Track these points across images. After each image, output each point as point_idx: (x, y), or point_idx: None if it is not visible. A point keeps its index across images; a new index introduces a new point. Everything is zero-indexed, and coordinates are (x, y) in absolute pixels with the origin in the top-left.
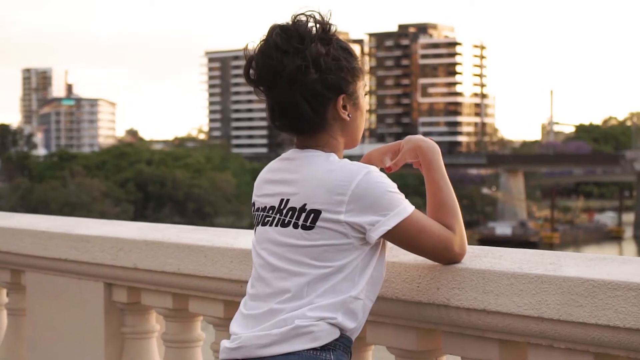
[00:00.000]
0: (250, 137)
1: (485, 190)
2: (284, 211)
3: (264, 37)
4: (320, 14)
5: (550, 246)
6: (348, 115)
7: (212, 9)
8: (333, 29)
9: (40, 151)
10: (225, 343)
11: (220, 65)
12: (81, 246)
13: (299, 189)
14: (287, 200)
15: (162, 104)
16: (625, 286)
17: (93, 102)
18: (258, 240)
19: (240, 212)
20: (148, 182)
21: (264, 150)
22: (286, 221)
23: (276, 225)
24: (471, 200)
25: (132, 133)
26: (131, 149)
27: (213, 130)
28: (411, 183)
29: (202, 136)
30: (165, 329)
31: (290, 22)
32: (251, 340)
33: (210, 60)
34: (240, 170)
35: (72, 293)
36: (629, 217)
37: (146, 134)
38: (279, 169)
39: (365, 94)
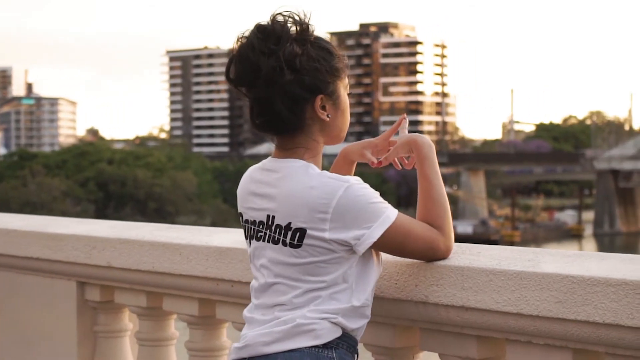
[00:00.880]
0: (211, 136)
1: (446, 189)
2: (273, 228)
3: (243, 37)
4: (298, 15)
5: (511, 244)
6: (327, 115)
7: (174, 8)
8: (312, 29)
9: (0, 150)
10: (234, 344)
11: (182, 65)
12: (54, 245)
13: (281, 206)
14: (273, 217)
15: (123, 103)
16: (604, 282)
17: (53, 101)
18: (255, 255)
19: (201, 212)
20: (109, 181)
21: (225, 149)
22: (276, 238)
23: (269, 242)
24: None
25: (93, 132)
26: (92, 148)
27: (174, 130)
28: (371, 182)
29: (163, 135)
30: (139, 327)
31: (269, 22)
32: (255, 339)
33: (172, 59)
34: (202, 169)
35: (44, 292)
36: (588, 216)
37: (107, 133)
38: (261, 181)
39: (348, 94)
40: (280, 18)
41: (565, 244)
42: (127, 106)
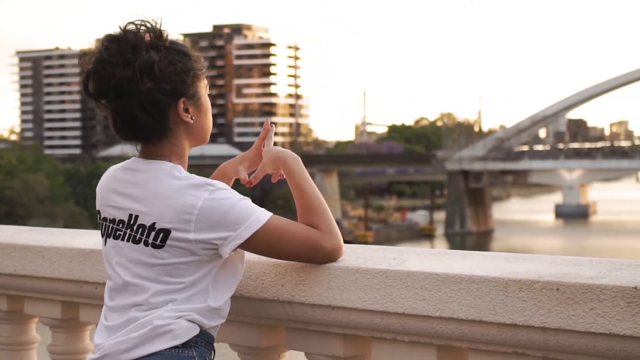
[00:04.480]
0: (63, 137)
1: None
2: (134, 227)
3: (97, 50)
4: (150, 21)
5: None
6: (191, 117)
7: (24, 8)
8: (165, 33)
9: None
10: (89, 355)
11: (32, 65)
12: None
13: (146, 207)
14: (137, 217)
15: None
16: (468, 279)
17: None
18: (111, 253)
19: (53, 215)
20: None
21: (77, 151)
22: (137, 238)
23: (128, 241)
24: (286, 200)
25: None
26: None
27: (25, 131)
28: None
29: (13, 137)
30: None
31: (121, 32)
32: (113, 347)
33: (22, 59)
34: (54, 171)
35: None
36: (440, 216)
37: None
38: (125, 181)
39: (209, 94)
40: (131, 27)
41: (418, 243)
42: None
